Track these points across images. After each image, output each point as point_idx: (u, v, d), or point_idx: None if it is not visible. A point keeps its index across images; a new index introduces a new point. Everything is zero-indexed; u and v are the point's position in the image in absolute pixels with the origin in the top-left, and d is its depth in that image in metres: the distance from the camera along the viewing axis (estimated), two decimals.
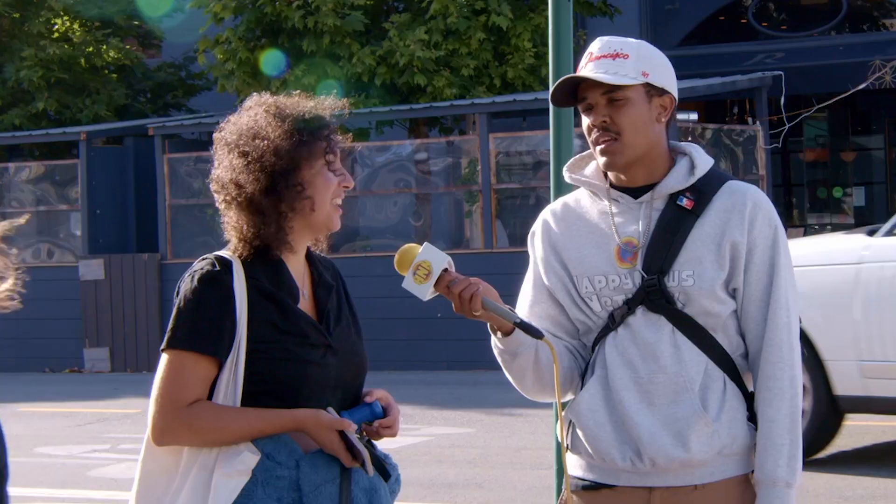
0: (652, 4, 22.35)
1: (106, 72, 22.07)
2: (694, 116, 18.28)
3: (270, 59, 18.88)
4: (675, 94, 3.51)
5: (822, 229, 22.14)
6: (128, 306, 18.54)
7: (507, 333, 3.44)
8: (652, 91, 3.45)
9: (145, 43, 23.22)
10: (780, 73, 18.49)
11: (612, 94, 3.42)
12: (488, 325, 3.46)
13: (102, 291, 18.86)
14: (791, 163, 23.09)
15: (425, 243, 3.38)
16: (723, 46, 21.63)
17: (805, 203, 22.96)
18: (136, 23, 22.13)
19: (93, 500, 9.30)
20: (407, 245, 3.38)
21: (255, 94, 3.47)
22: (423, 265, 3.33)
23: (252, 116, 3.36)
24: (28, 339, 19.13)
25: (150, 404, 3.29)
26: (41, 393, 16.12)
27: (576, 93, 3.49)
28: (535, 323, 3.46)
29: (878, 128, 23.09)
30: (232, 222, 3.34)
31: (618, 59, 3.43)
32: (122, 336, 18.60)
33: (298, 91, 3.49)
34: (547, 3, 18.71)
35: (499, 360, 3.53)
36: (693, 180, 3.46)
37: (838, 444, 10.33)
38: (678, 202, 3.45)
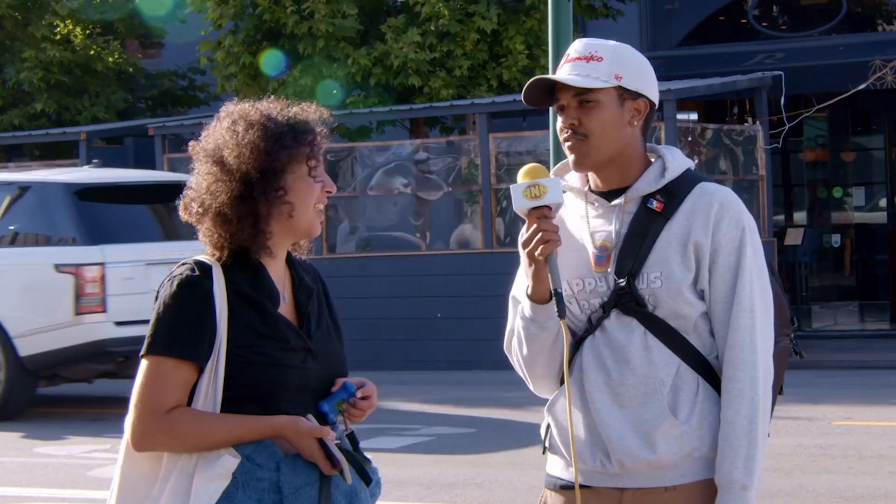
0: (652, 4, 22.34)
1: (111, 75, 22.05)
2: (694, 116, 18.29)
3: (270, 60, 18.89)
4: (653, 97, 3.51)
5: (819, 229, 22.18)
6: None
7: (539, 303, 3.43)
8: (625, 94, 3.45)
9: (146, 44, 23.19)
10: (780, 73, 18.48)
11: (584, 96, 3.43)
12: (526, 290, 3.45)
13: None
14: (791, 163, 23.08)
15: (559, 178, 3.45)
16: (723, 46, 21.63)
17: (805, 203, 22.96)
18: (137, 23, 22.10)
19: (93, 500, 9.30)
20: (542, 166, 3.45)
21: (234, 99, 3.43)
22: (541, 188, 3.38)
23: (229, 125, 3.33)
24: None
25: (130, 410, 3.27)
26: (41, 393, 16.09)
27: (553, 92, 3.50)
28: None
29: (878, 128, 23.07)
30: (206, 230, 3.32)
31: (592, 61, 3.44)
32: None
33: (292, 93, 3.49)
34: (539, 7, 18.72)
35: (522, 334, 3.50)
36: (664, 182, 3.47)
37: (838, 444, 10.33)
38: (648, 205, 3.46)
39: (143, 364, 3.27)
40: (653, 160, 3.53)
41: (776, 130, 18.04)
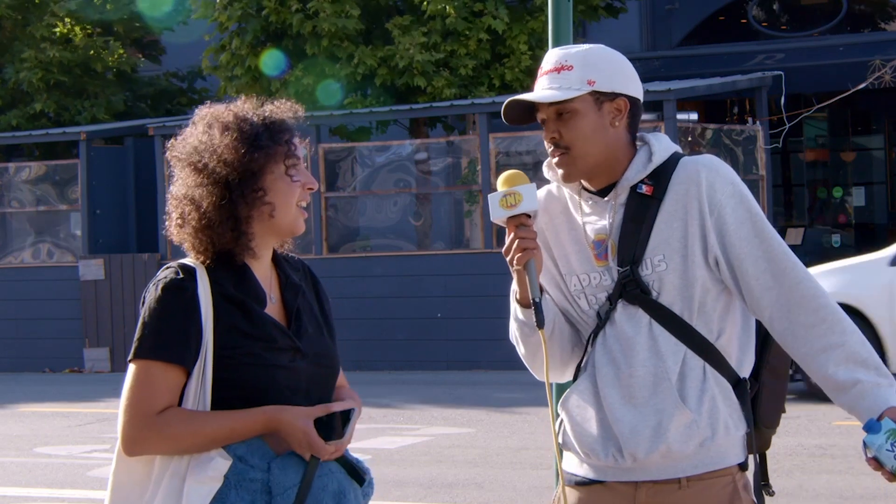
0: (652, 4, 22.35)
1: (109, 77, 22.05)
2: (694, 116, 18.28)
3: (270, 60, 18.90)
4: (633, 93, 3.49)
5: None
6: (128, 306, 18.54)
7: (527, 307, 3.46)
8: (601, 97, 3.44)
9: (149, 56, 23.16)
10: (780, 73, 18.49)
11: (559, 107, 3.44)
12: (513, 295, 3.49)
13: (102, 291, 18.86)
14: (791, 163, 23.10)
15: (534, 184, 3.44)
16: (723, 46, 21.64)
17: (805, 203, 22.96)
18: (137, 25, 22.09)
19: (93, 500, 9.31)
20: (521, 172, 3.45)
21: (207, 103, 3.40)
22: (517, 196, 3.40)
23: (203, 129, 3.31)
24: (28, 339, 19.13)
25: (119, 415, 3.25)
26: (41, 393, 16.12)
27: (534, 108, 3.51)
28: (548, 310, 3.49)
29: (878, 128, 23.09)
30: (187, 236, 3.30)
31: (562, 71, 3.44)
32: (122, 336, 18.59)
33: (294, 93, 3.48)
34: (543, 8, 18.63)
35: (517, 333, 3.54)
36: (652, 167, 3.47)
37: (838, 444, 10.33)
38: (638, 190, 3.46)
39: (131, 368, 3.25)
40: (639, 146, 3.53)
41: (776, 130, 18.05)
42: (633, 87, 3.50)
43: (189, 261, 3.31)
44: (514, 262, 3.39)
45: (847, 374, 3.37)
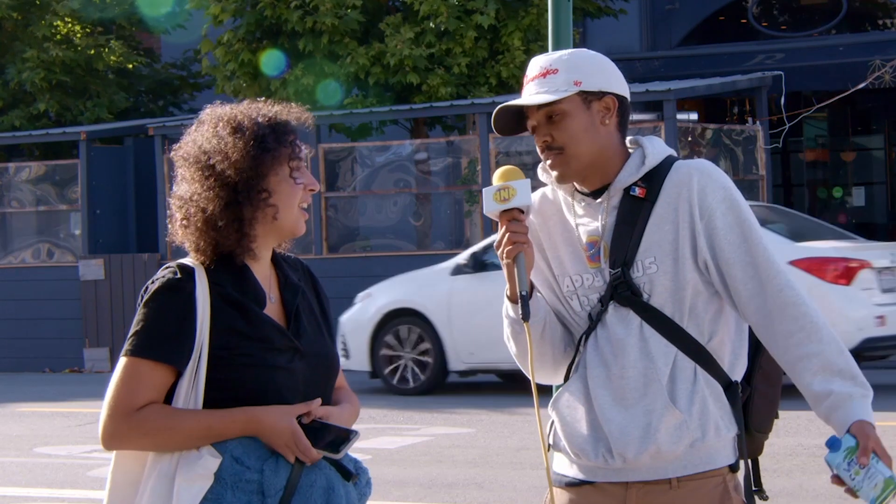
0: (652, 4, 22.35)
1: (110, 76, 22.06)
2: (694, 116, 18.29)
3: (270, 60, 18.90)
4: (620, 91, 3.51)
5: None
6: (128, 306, 18.54)
7: (516, 301, 3.48)
8: (589, 97, 3.47)
9: (147, 55, 23.18)
10: (780, 72, 18.49)
11: (549, 110, 3.45)
12: (506, 292, 3.50)
13: (102, 291, 18.86)
14: (791, 163, 23.10)
15: (528, 180, 3.46)
16: (723, 46, 21.64)
17: (805, 203, 22.97)
18: (135, 18, 22.08)
19: (93, 500, 9.30)
20: (516, 168, 3.49)
21: (216, 102, 3.40)
22: (511, 190, 3.43)
23: (210, 130, 3.31)
24: (28, 339, 19.13)
25: (102, 410, 3.25)
26: (41, 393, 16.12)
27: (524, 117, 3.53)
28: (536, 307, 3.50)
29: (878, 128, 23.09)
30: (189, 236, 3.30)
31: (548, 76, 3.47)
32: (122, 336, 18.58)
33: (293, 93, 3.47)
34: (535, 2, 18.51)
35: (508, 331, 3.56)
36: (645, 170, 3.48)
37: None
38: (631, 192, 3.47)
39: (120, 364, 3.25)
40: (632, 151, 3.54)
41: (776, 130, 18.05)
42: (619, 85, 3.53)
43: (189, 261, 3.31)
44: (505, 255, 3.42)
45: (821, 385, 3.38)
